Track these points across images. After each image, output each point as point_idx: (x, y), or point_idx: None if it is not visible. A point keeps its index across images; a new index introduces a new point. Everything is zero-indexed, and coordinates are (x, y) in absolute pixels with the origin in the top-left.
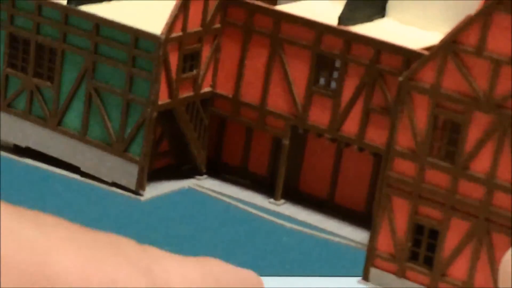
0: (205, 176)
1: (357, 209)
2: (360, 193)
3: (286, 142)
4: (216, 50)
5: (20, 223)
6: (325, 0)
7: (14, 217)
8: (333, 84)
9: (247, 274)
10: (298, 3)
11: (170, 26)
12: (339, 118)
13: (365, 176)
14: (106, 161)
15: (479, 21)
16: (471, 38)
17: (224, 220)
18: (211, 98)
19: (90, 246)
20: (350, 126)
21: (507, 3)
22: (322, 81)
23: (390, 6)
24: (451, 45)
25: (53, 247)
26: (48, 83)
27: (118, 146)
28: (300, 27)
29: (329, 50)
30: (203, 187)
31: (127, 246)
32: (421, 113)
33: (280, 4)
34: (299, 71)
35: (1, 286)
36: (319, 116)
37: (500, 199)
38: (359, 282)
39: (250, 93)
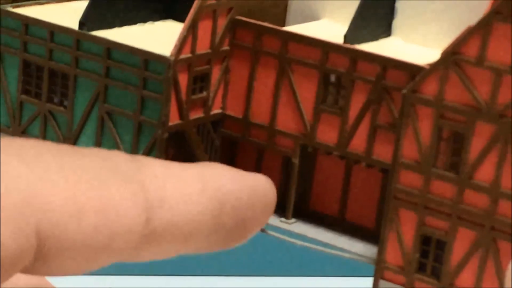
0: None
1: (367, 226)
2: (370, 209)
3: (295, 161)
4: (226, 72)
5: (6, 154)
6: (334, 22)
7: (5, 149)
8: (341, 102)
9: (257, 180)
10: (307, 24)
11: (179, 48)
12: (347, 135)
13: (374, 192)
14: None
15: (479, 32)
16: (472, 49)
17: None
18: (222, 120)
19: (78, 168)
20: (358, 143)
21: (506, 13)
22: (329, 99)
23: (396, 25)
24: (452, 56)
25: (43, 177)
26: (62, 108)
27: None
28: (306, 46)
29: (335, 68)
30: None
31: (117, 161)
32: (425, 125)
33: (288, 25)
34: (307, 90)
35: None
36: (327, 134)
37: (505, 207)
38: None
39: (260, 114)
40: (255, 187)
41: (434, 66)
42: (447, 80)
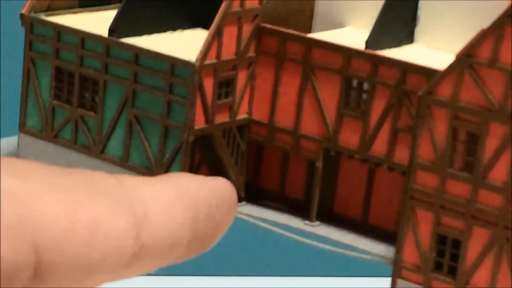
0: (243, 202)
1: (389, 228)
2: (392, 212)
3: (319, 165)
4: (251, 78)
5: (4, 174)
6: (359, 29)
7: None
8: (363, 106)
9: (219, 183)
10: (331, 31)
11: (204, 53)
12: (368, 139)
13: (396, 195)
14: None
15: (491, 35)
16: (485, 51)
17: (259, 242)
18: (248, 125)
19: (68, 187)
20: (379, 146)
21: None
22: (351, 103)
23: (418, 31)
24: (466, 59)
25: (36, 195)
26: (92, 113)
27: (158, 171)
28: (329, 52)
29: (357, 73)
30: (241, 213)
31: (102, 180)
32: (440, 126)
33: (314, 33)
34: (329, 95)
35: None
36: (350, 138)
37: None
38: None
39: (285, 119)
40: (219, 190)
41: (449, 69)
42: (461, 82)
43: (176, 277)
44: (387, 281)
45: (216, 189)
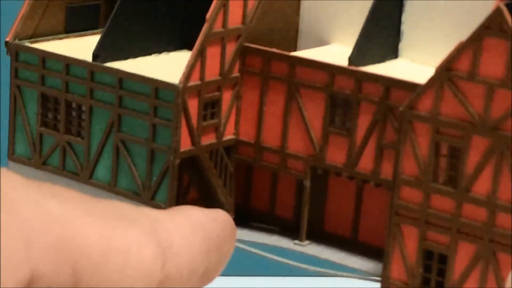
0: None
1: (379, 245)
2: (381, 228)
3: (307, 183)
4: (237, 98)
5: (41, 194)
6: (344, 46)
7: (35, 188)
8: (348, 123)
9: (219, 214)
10: (316, 48)
11: (187, 75)
12: (354, 156)
13: (384, 212)
14: None
15: (470, 47)
16: (464, 64)
17: (247, 266)
18: (235, 145)
19: (101, 214)
20: (366, 163)
21: (496, 27)
22: (337, 120)
23: (403, 46)
24: (445, 72)
25: (75, 219)
26: (79, 139)
27: (145, 195)
28: (313, 70)
29: (342, 90)
30: None
31: (128, 210)
32: (422, 140)
33: (300, 50)
34: (315, 113)
35: (31, 262)
36: (336, 155)
37: (503, 219)
38: None
39: (271, 138)
40: (222, 222)
41: (429, 83)
42: (441, 96)
43: None
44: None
45: (219, 221)
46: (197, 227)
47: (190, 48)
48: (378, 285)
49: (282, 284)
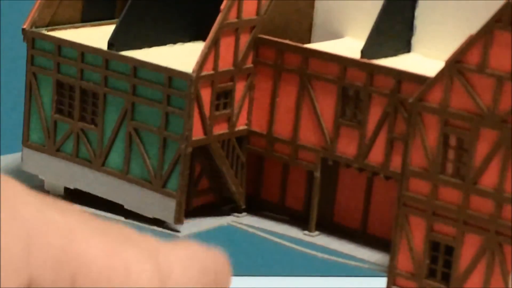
0: (244, 213)
1: (387, 237)
2: (390, 221)
3: (317, 174)
4: (250, 89)
5: (44, 204)
6: (357, 39)
7: (38, 198)
8: (359, 115)
9: (218, 253)
10: (329, 42)
11: (201, 64)
12: (365, 148)
13: (394, 205)
14: (147, 198)
15: (480, 40)
16: (474, 57)
17: (259, 253)
18: (247, 136)
19: (103, 231)
20: (376, 155)
21: (506, 21)
22: (348, 112)
23: (416, 41)
24: (455, 65)
25: (77, 232)
26: (93, 126)
27: (157, 183)
28: (326, 62)
29: (353, 82)
30: (241, 223)
31: (131, 233)
32: (431, 132)
33: (313, 43)
34: (326, 105)
35: (31, 268)
36: (347, 147)
37: (509, 211)
38: None
39: (283, 129)
40: (220, 260)
41: (439, 75)
42: (451, 88)
43: None
44: (380, 281)
45: (217, 259)
46: (196, 261)
47: (204, 39)
48: (383, 280)
49: (282, 284)
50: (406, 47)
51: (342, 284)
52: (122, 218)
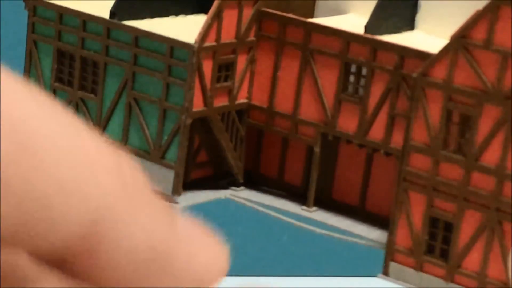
0: (242, 187)
1: (385, 214)
2: (389, 199)
3: (317, 149)
4: (251, 62)
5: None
6: (360, 16)
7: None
8: (361, 91)
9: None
10: (332, 17)
11: (203, 35)
12: (366, 124)
13: (393, 182)
14: (145, 169)
15: (486, 16)
16: (480, 33)
17: (257, 227)
18: (247, 110)
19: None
20: (377, 132)
21: None
22: (350, 88)
23: (419, 18)
24: (461, 40)
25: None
26: (92, 95)
27: (156, 153)
28: (328, 37)
29: (356, 58)
30: (239, 197)
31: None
32: (434, 108)
33: (316, 18)
34: (328, 80)
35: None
36: (348, 123)
37: (510, 189)
38: (379, 277)
39: (284, 103)
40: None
41: (444, 50)
42: (456, 64)
43: None
44: (373, 281)
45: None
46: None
47: (207, 13)
48: (378, 284)
49: (283, 284)
50: (409, 24)
51: (337, 285)
52: None
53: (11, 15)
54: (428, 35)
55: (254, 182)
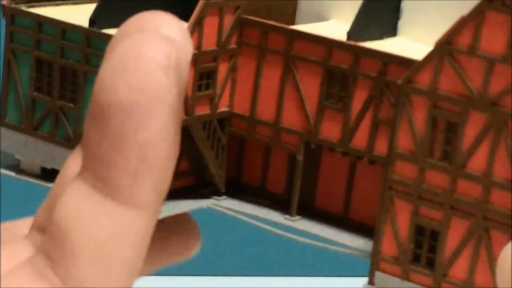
0: (224, 196)
1: (370, 223)
2: (373, 207)
3: (299, 158)
4: (233, 70)
5: None
6: (343, 22)
7: None
8: (344, 98)
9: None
10: (314, 24)
11: None
12: (349, 132)
13: (377, 190)
14: None
15: (471, 21)
16: (465, 38)
17: (238, 236)
18: (229, 118)
19: None
20: (360, 139)
21: (498, 2)
22: (333, 95)
23: (402, 24)
24: (445, 46)
25: None
26: (71, 105)
27: None
28: (311, 43)
29: (339, 65)
30: (221, 206)
31: None
32: (419, 115)
33: (298, 24)
34: (311, 87)
35: None
36: (330, 130)
37: (497, 196)
38: (364, 286)
39: (266, 111)
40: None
41: (428, 56)
42: (441, 70)
43: (173, 277)
44: (364, 280)
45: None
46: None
47: (187, 21)
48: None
49: (281, 284)
50: (392, 31)
51: (336, 285)
52: None
53: None
54: (411, 41)
55: (237, 191)
